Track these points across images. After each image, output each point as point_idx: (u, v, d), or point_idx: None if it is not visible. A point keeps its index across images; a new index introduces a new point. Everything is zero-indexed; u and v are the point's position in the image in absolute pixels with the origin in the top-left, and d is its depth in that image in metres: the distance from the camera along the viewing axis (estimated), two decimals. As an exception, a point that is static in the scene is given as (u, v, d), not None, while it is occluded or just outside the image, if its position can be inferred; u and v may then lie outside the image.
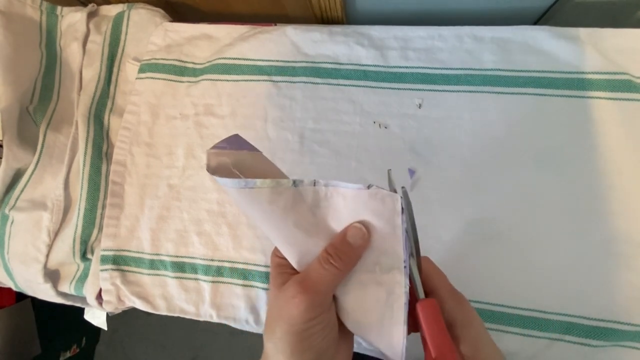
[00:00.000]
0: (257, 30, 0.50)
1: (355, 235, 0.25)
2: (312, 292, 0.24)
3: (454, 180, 0.42)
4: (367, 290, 0.26)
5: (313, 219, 0.25)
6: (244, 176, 0.25)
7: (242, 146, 0.27)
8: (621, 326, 0.36)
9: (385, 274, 0.26)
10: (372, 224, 0.25)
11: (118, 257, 0.46)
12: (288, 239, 0.25)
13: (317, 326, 0.25)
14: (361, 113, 0.45)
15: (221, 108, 0.48)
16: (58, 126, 0.51)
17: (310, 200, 0.25)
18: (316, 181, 0.24)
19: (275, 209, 0.24)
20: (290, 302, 0.24)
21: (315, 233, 0.25)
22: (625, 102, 0.40)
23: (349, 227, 0.25)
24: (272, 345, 0.25)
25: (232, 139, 0.27)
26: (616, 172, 0.39)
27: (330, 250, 0.25)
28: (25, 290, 0.50)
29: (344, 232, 0.25)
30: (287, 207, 0.24)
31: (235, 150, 0.26)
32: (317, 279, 0.25)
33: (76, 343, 1.11)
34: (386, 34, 0.47)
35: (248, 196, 0.23)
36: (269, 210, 0.24)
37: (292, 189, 0.24)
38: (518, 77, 0.43)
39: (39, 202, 0.48)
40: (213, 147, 0.26)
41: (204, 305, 0.43)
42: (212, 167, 0.25)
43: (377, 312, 0.26)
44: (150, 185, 0.47)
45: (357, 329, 0.27)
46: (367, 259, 0.26)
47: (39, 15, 0.55)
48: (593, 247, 0.38)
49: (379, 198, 0.24)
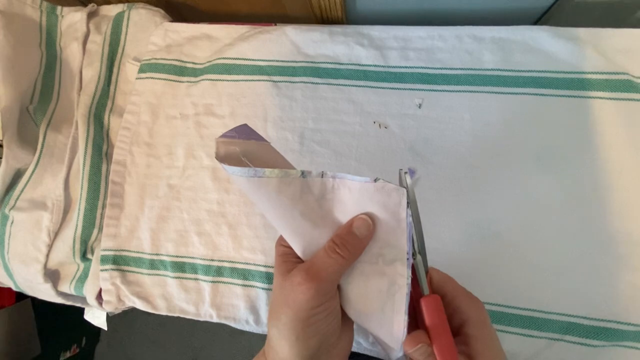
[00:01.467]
0: (257, 30, 0.50)
1: (361, 226, 0.25)
2: (318, 279, 0.25)
3: (453, 181, 0.42)
4: (369, 281, 0.27)
5: (319, 209, 0.26)
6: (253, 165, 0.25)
7: (250, 136, 0.28)
8: (621, 326, 0.36)
9: (388, 265, 0.26)
10: (377, 216, 0.26)
11: (118, 257, 0.46)
12: (294, 228, 0.26)
13: (322, 313, 0.25)
14: (361, 113, 0.45)
15: (221, 108, 0.48)
16: (58, 126, 0.51)
17: (317, 191, 0.25)
18: (324, 173, 0.25)
19: (283, 198, 0.25)
20: (296, 289, 0.25)
21: (321, 223, 0.26)
22: (625, 102, 0.40)
23: (355, 218, 0.26)
24: (277, 331, 0.26)
25: (241, 128, 0.27)
26: (616, 172, 0.39)
27: (337, 240, 0.25)
28: (25, 290, 0.50)
29: (350, 222, 0.26)
30: (295, 197, 0.25)
31: (244, 140, 0.27)
32: (323, 268, 0.25)
33: (76, 343, 1.12)
34: (386, 34, 0.47)
35: (256, 185, 0.24)
36: (276, 200, 0.25)
37: (300, 179, 0.25)
38: (518, 77, 0.43)
39: (39, 202, 0.48)
40: (222, 136, 0.26)
41: (204, 305, 0.43)
42: (221, 155, 0.26)
43: (378, 301, 0.26)
44: (150, 185, 0.47)
45: (359, 317, 0.28)
46: (371, 250, 0.26)
47: (39, 15, 0.55)
48: (593, 247, 0.38)
49: (385, 191, 0.24)
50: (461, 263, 0.39)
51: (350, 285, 0.27)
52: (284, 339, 0.25)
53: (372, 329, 0.28)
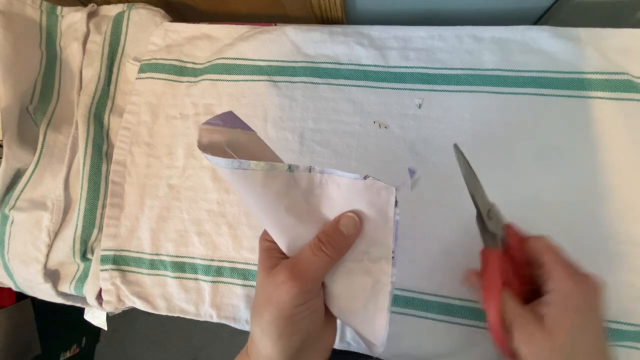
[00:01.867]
0: (257, 30, 0.50)
1: (348, 224, 0.25)
2: (302, 278, 0.24)
3: (453, 180, 0.42)
4: (354, 278, 0.26)
5: (306, 205, 0.25)
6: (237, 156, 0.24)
7: (236, 124, 0.26)
8: (621, 326, 0.36)
9: (373, 263, 0.26)
10: (364, 213, 0.25)
11: (118, 257, 0.46)
12: (279, 223, 0.25)
13: (306, 311, 0.25)
14: (361, 113, 0.45)
15: (221, 108, 0.48)
16: (58, 126, 0.51)
17: (304, 186, 0.25)
18: (311, 167, 0.24)
19: (268, 192, 0.24)
20: (280, 287, 0.24)
21: (307, 219, 0.25)
22: (625, 102, 0.40)
23: (342, 215, 0.25)
24: (259, 330, 0.25)
25: (226, 115, 0.26)
26: (616, 172, 0.39)
27: (323, 237, 0.25)
28: (25, 290, 0.50)
29: (336, 220, 0.25)
30: (281, 191, 0.24)
31: (229, 128, 0.26)
32: (308, 266, 0.25)
33: (76, 343, 1.12)
34: (386, 34, 0.47)
35: (241, 177, 0.23)
36: (261, 194, 0.24)
37: (287, 173, 0.24)
38: (518, 77, 0.43)
39: (39, 202, 0.48)
40: (206, 123, 0.25)
41: (204, 305, 0.43)
42: (203, 144, 0.25)
43: (362, 299, 0.26)
44: (150, 185, 0.47)
45: (342, 314, 0.28)
46: (357, 248, 0.26)
47: (39, 15, 0.55)
48: (593, 247, 0.38)
49: (374, 189, 0.24)
50: (461, 263, 0.39)
51: (334, 283, 0.27)
52: (267, 336, 0.25)
53: (354, 326, 0.28)
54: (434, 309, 0.39)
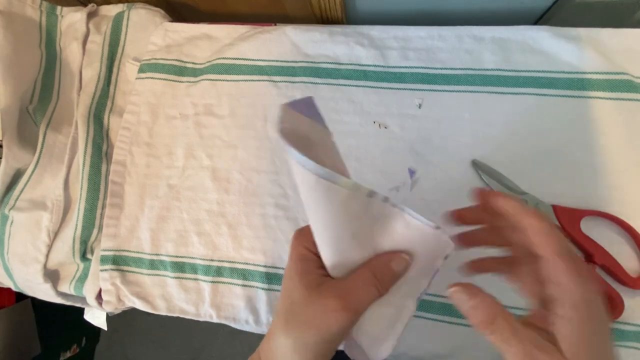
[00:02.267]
0: (257, 30, 0.50)
1: (400, 265, 0.25)
2: (354, 310, 0.24)
3: (453, 180, 0.42)
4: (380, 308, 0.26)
5: (369, 231, 0.24)
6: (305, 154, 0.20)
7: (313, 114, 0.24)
8: (621, 326, 0.36)
9: (401, 298, 0.26)
10: (417, 256, 0.25)
11: (118, 257, 0.46)
12: (340, 244, 0.24)
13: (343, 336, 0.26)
14: (361, 113, 0.45)
15: (221, 108, 0.48)
16: (58, 126, 0.51)
17: (375, 213, 0.23)
18: (387, 198, 0.23)
19: (343, 212, 0.22)
20: (330, 315, 0.24)
21: (365, 246, 0.25)
22: (625, 102, 0.40)
23: (396, 255, 0.25)
24: (291, 346, 0.25)
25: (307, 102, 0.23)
26: (616, 172, 0.39)
27: (378, 273, 0.25)
28: (25, 290, 0.50)
29: (388, 257, 0.25)
30: (356, 214, 0.23)
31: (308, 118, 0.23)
32: (360, 299, 0.25)
33: (76, 343, 1.11)
34: (386, 34, 0.47)
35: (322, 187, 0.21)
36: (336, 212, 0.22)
37: (366, 199, 0.22)
38: (518, 77, 0.43)
39: (38, 202, 0.48)
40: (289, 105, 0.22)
41: (204, 306, 0.43)
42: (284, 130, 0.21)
43: (379, 325, 0.27)
44: (150, 185, 0.47)
45: (356, 330, 0.28)
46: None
47: (39, 15, 0.55)
48: (593, 247, 0.38)
49: (437, 239, 0.24)
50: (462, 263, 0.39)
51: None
52: (299, 355, 0.25)
53: (361, 341, 0.28)
54: (434, 309, 0.39)
